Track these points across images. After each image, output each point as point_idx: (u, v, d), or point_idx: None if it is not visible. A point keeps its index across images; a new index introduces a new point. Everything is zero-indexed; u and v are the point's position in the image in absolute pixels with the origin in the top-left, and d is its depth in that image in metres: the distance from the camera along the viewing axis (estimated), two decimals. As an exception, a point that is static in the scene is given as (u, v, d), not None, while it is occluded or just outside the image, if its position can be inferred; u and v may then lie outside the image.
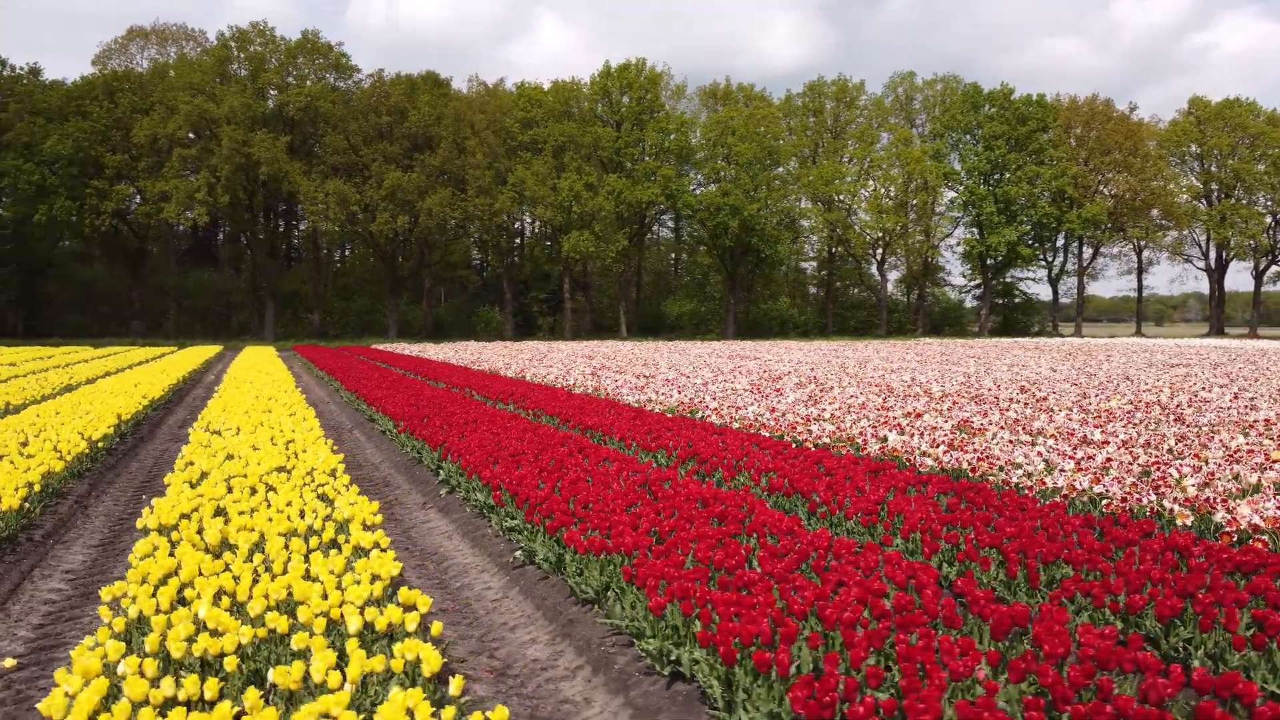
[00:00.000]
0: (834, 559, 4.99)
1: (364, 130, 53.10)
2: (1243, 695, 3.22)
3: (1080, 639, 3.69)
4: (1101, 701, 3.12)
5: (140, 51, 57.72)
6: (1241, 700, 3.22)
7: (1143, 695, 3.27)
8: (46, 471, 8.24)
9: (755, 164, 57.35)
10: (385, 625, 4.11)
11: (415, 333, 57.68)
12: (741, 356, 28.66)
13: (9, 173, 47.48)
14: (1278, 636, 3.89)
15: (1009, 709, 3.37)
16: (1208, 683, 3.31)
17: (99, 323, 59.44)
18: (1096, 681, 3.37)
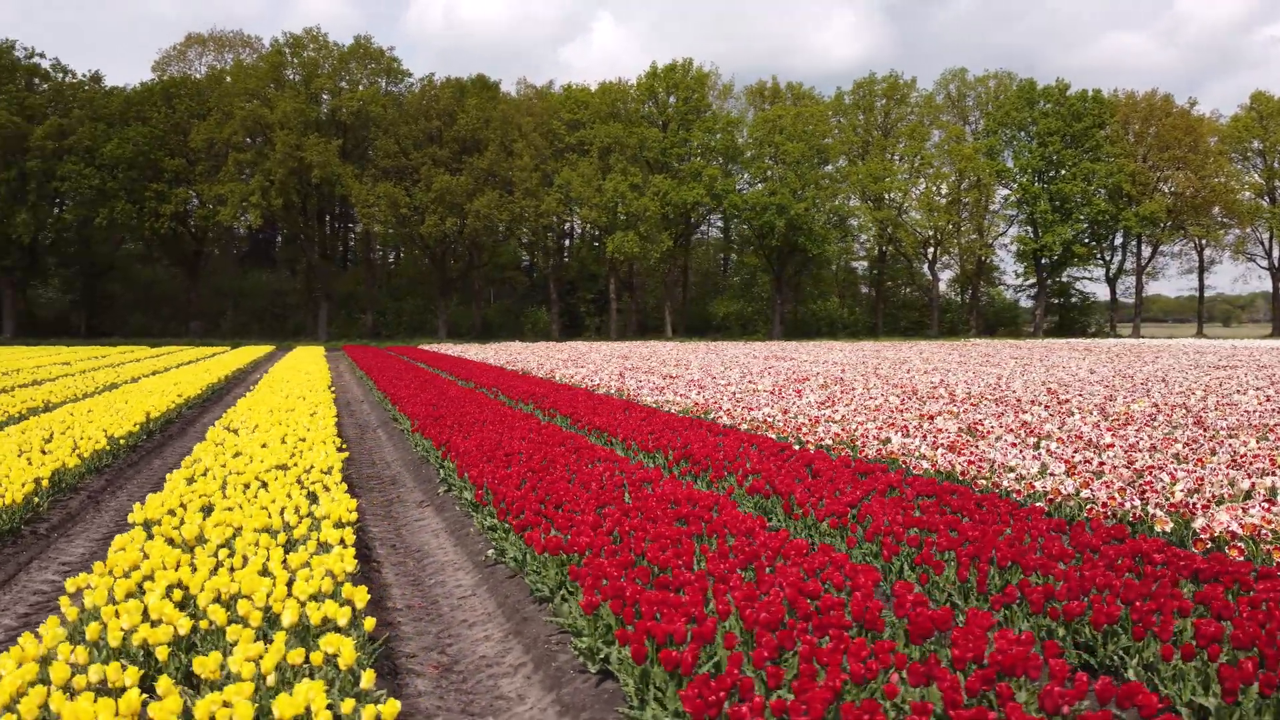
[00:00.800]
0: (782, 560, 4.99)
1: (414, 134, 53.86)
2: (1142, 706, 3.18)
3: (996, 644, 3.66)
4: (987, 708, 3.11)
5: (198, 58, 59.28)
6: (1141, 712, 3.18)
7: (1040, 703, 3.24)
8: (59, 468, 8.54)
9: (802, 163, 56.99)
10: (320, 619, 4.21)
11: (464, 333, 58.34)
12: (777, 357, 28.52)
13: (71, 177, 49.01)
14: (1209, 647, 3.81)
15: (894, 712, 3.37)
16: (1109, 692, 3.27)
17: (160, 323, 61.07)
18: (996, 688, 3.35)
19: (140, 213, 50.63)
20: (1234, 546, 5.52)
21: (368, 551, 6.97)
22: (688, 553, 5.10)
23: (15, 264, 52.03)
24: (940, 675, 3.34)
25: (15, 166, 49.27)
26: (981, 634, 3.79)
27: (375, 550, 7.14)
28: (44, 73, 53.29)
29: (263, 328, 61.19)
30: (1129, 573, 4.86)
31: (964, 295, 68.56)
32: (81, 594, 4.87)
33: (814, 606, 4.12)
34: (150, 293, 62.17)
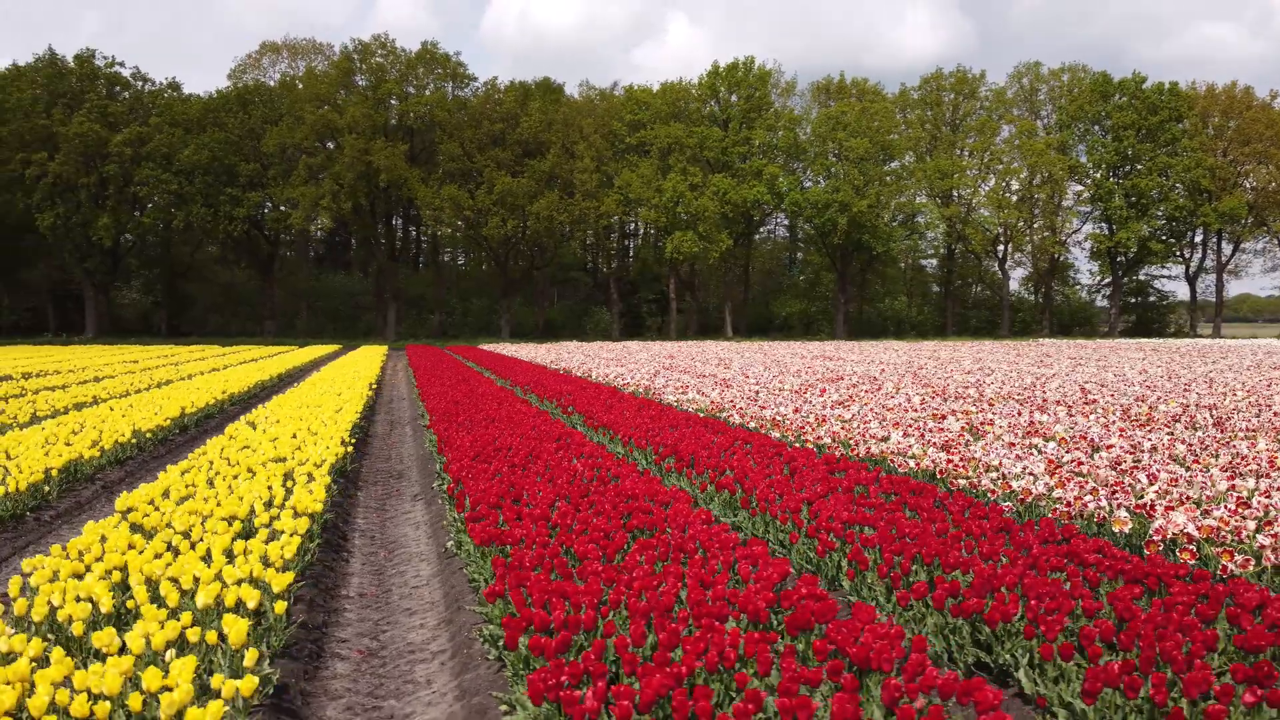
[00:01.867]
0: (702, 553, 5.04)
1: (477, 137, 54.64)
2: (980, 701, 3.17)
3: (863, 639, 3.67)
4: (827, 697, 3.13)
5: (272, 65, 61.00)
6: (977, 707, 3.17)
7: (881, 694, 3.26)
8: (74, 459, 8.97)
9: (866, 159, 56.27)
10: (233, 601, 4.39)
11: (528, 333, 59.00)
12: (828, 357, 28.28)
13: (149, 182, 50.90)
14: (1090, 648, 3.76)
15: (729, 697, 3.42)
16: (951, 687, 3.26)
17: (237, 322, 63.07)
18: (843, 679, 3.37)
19: (216, 216, 52.30)
20: (1186, 549, 5.39)
21: (342, 541, 7.19)
22: (616, 546, 5.18)
23: (98, 266, 54.19)
24: (787, 666, 3.37)
25: (96, 172, 51.35)
26: (858, 628, 3.81)
27: (351, 540, 7.36)
28: (124, 81, 55.47)
29: (336, 328, 62.68)
30: (1055, 571, 4.80)
31: (1037, 294, 66.91)
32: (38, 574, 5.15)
33: (706, 597, 4.18)
34: (228, 294, 64.26)
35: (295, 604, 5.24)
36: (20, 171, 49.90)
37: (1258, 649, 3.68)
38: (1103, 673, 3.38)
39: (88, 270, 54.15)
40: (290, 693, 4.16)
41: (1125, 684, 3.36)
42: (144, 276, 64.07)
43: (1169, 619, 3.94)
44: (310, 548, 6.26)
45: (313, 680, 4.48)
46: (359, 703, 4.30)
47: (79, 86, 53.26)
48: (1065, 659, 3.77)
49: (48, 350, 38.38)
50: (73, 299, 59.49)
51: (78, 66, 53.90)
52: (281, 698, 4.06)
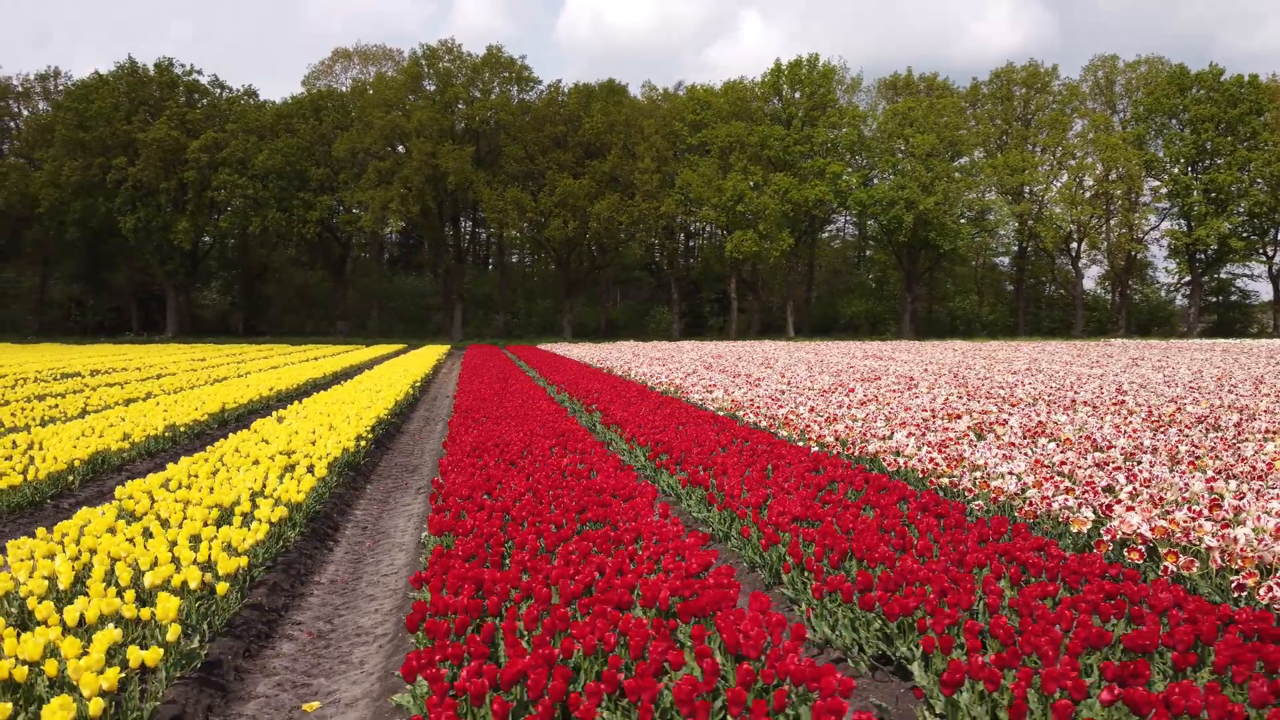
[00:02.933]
0: (639, 545, 5.17)
1: (540, 140, 55.28)
2: (824, 688, 3.24)
3: (741, 626, 3.77)
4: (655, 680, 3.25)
5: (344, 71, 62.60)
6: (821, 693, 3.25)
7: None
8: (102, 450, 9.46)
9: (933, 156, 55.42)
10: (179, 582, 4.67)
11: (590, 333, 59.48)
12: (876, 357, 27.99)
13: (225, 186, 52.70)
14: (970, 641, 3.80)
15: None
16: (802, 673, 3.35)
17: (311, 323, 64.93)
18: (705, 664, 3.48)
19: (289, 220, 53.88)
20: (1134, 549, 5.33)
21: (332, 530, 7.48)
22: (561, 537, 5.34)
23: (178, 268, 56.23)
24: (655, 650, 3.49)
25: (175, 177, 53.32)
26: (741, 616, 3.91)
27: (343, 529, 7.65)
28: (202, 88, 57.49)
29: (406, 328, 64.04)
30: (981, 568, 4.81)
31: (1114, 293, 65.07)
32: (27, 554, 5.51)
33: (605, 582, 4.32)
34: (303, 295, 66.18)
35: (256, 587, 5.52)
36: (103, 176, 52.10)
37: (1144, 649, 3.68)
38: (962, 666, 3.43)
39: (168, 272, 56.25)
40: (223, 668, 4.42)
41: (985, 677, 3.40)
42: (222, 278, 66.35)
43: (1061, 616, 3.95)
44: (290, 535, 6.56)
45: (254, 658, 4.73)
46: (290, 680, 4.53)
47: (159, 94, 55.39)
48: (945, 652, 3.81)
49: (124, 349, 40.05)
50: (155, 300, 61.93)
51: (157, 74, 56.09)
52: (212, 672, 4.31)
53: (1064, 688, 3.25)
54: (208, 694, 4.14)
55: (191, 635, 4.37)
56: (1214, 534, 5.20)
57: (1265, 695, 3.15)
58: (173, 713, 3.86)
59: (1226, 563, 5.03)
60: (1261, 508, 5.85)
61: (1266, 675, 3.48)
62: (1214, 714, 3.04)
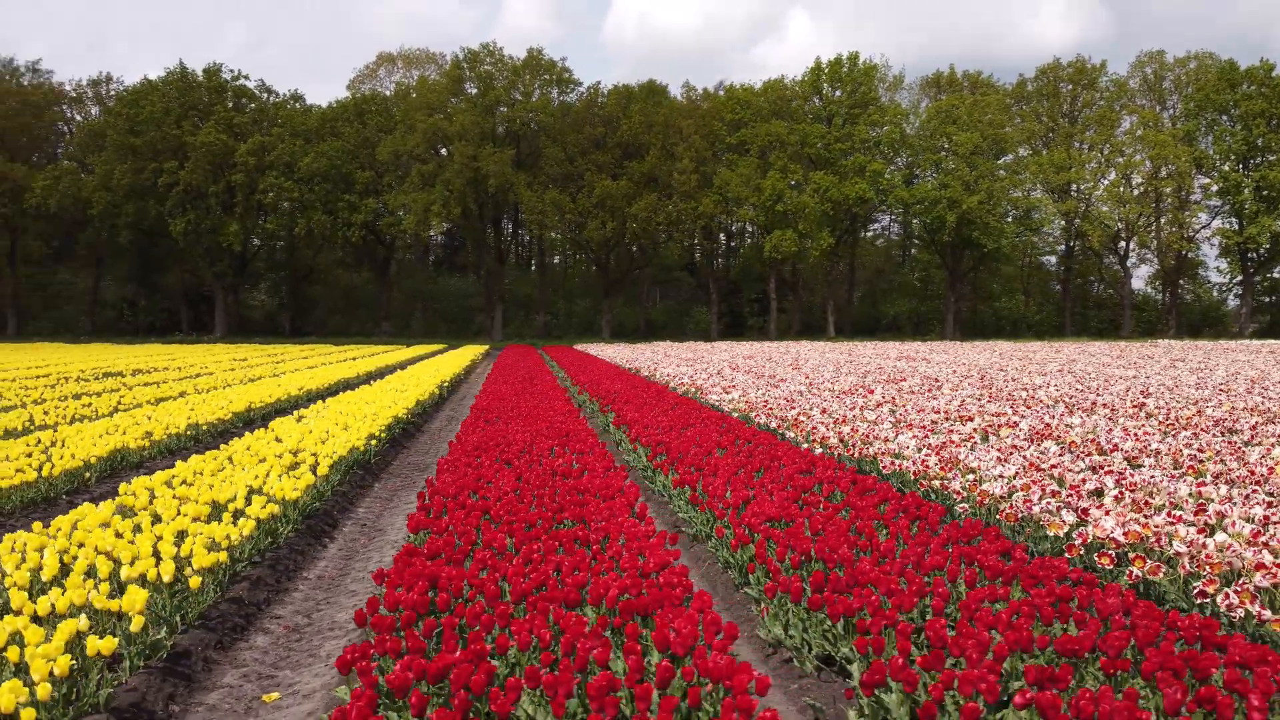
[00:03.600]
0: (603, 544, 5.26)
1: (579, 141, 55.55)
2: (735, 686, 3.30)
3: (675, 624, 3.84)
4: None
5: (388, 75, 63.44)
6: (734, 690, 3.31)
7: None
8: (120, 448, 9.76)
9: (976, 154, 54.75)
10: (154, 575, 4.84)
11: (629, 333, 59.62)
12: (908, 358, 27.76)
13: (272, 189, 53.67)
14: (901, 643, 3.83)
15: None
16: (721, 671, 3.41)
17: (356, 323, 65.86)
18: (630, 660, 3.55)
19: (334, 222, 54.72)
20: (1105, 554, 5.30)
21: (329, 527, 7.66)
22: (530, 536, 5.45)
23: (226, 270, 57.40)
24: (583, 648, 3.57)
25: (224, 180, 54.45)
26: (680, 614, 3.97)
27: (342, 527, 7.83)
28: (250, 93, 58.62)
29: (450, 328, 64.74)
30: (938, 570, 4.82)
31: (1164, 293, 63.73)
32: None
33: (556, 579, 4.42)
34: (349, 296, 67.17)
35: (238, 582, 5.70)
36: (153, 180, 53.37)
37: (1074, 653, 3.68)
38: (883, 667, 3.47)
39: (217, 274, 57.46)
40: (192, 659, 4.58)
41: (904, 678, 3.43)
42: (270, 280, 67.58)
43: (1000, 619, 3.96)
44: (282, 531, 6.74)
45: (226, 650, 4.89)
46: (257, 671, 4.68)
47: (208, 99, 56.58)
48: (878, 653, 3.84)
49: (169, 349, 41.00)
50: (204, 301, 63.27)
51: (206, 80, 57.30)
52: (178, 663, 4.48)
53: (978, 690, 3.28)
54: (171, 683, 4.30)
55: (159, 627, 4.53)
56: (1185, 539, 5.15)
57: (1178, 703, 3.14)
58: (132, 700, 4.02)
59: (1195, 569, 4.98)
60: (1243, 513, 5.79)
61: (1199, 682, 3.46)
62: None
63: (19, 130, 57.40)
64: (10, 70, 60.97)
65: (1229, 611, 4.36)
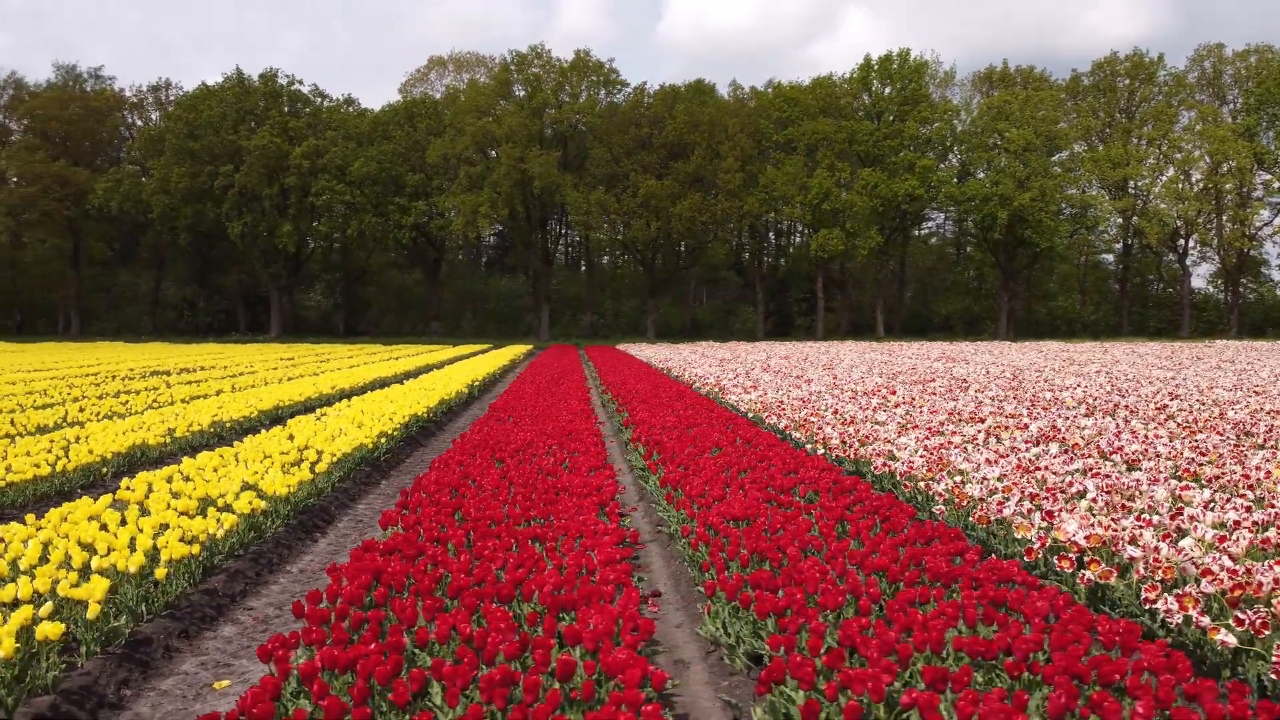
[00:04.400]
0: (559, 542, 5.36)
1: (625, 142, 55.74)
2: (626, 681, 3.37)
3: (592, 620, 3.92)
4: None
5: (439, 78, 64.29)
6: (625, 685, 3.38)
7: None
8: (139, 444, 10.11)
9: (1029, 150, 53.82)
10: (123, 566, 5.05)
11: (674, 333, 59.67)
12: (950, 358, 27.42)
13: (324, 192, 54.72)
14: (811, 641, 3.87)
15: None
16: (616, 665, 3.48)
17: (408, 323, 66.90)
18: (534, 655, 3.64)
19: (385, 224, 55.64)
20: (1065, 558, 5.26)
21: (324, 523, 7.86)
22: (492, 533, 5.57)
23: (281, 271, 58.67)
24: (493, 641, 3.68)
25: (278, 183, 55.66)
26: (597, 610, 4.06)
27: (338, 522, 8.01)
28: (304, 97, 59.85)
29: (500, 328, 65.44)
30: (879, 571, 4.83)
31: (1226, 292, 62.00)
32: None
33: (497, 576, 4.52)
34: (401, 296, 68.29)
35: (215, 574, 5.90)
36: (210, 183, 54.76)
37: (981, 655, 3.68)
38: (783, 664, 3.51)
39: (272, 275, 58.77)
40: (152, 646, 4.77)
41: (802, 676, 3.47)
42: (325, 280, 68.94)
43: (912, 620, 3.98)
44: (270, 526, 6.94)
45: (191, 640, 5.07)
46: (216, 660, 4.85)
47: (264, 104, 57.89)
48: (790, 650, 3.88)
49: (222, 348, 42.07)
50: (261, 302, 64.74)
51: (262, 85, 58.59)
52: (137, 650, 4.67)
53: (867, 689, 3.31)
54: (126, 669, 4.48)
55: (121, 615, 4.73)
56: (1141, 544, 5.09)
57: (1061, 707, 3.14)
58: (84, 683, 4.21)
59: (1149, 574, 4.92)
60: (1216, 519, 5.70)
61: (1104, 687, 3.45)
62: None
63: (82, 135, 59.33)
64: (73, 77, 63.09)
65: (1167, 617, 4.31)
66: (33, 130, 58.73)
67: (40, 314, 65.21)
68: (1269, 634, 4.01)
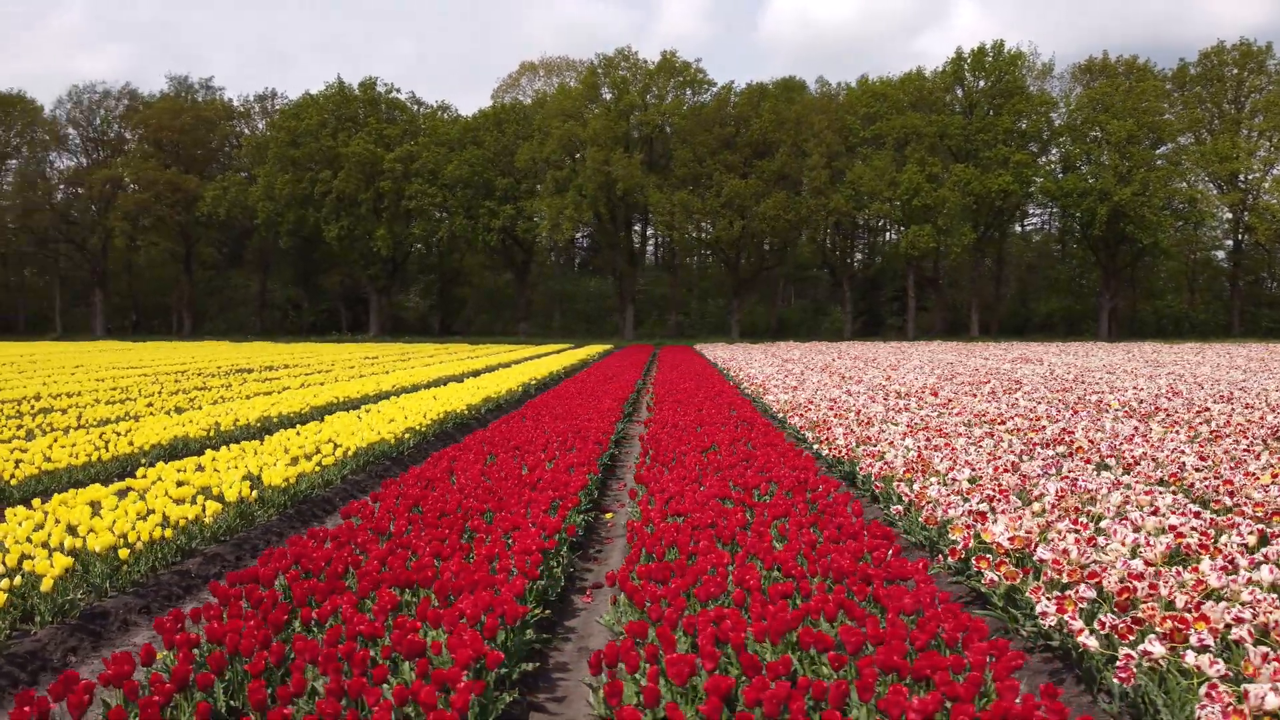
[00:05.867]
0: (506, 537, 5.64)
1: (709, 142, 55.78)
2: (450, 680, 3.62)
3: (465, 609, 4.18)
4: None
5: (529, 83, 65.49)
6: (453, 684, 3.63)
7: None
8: (182, 436, 10.80)
9: (1131, 143, 51.79)
10: (92, 546, 5.54)
11: (759, 332, 59.43)
12: (1025, 360, 26.72)
13: (417, 196, 56.36)
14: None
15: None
16: (462, 654, 3.73)
17: (500, 323, 68.35)
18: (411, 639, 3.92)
19: (474, 227, 57.02)
20: (981, 558, 5.28)
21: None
22: (436, 529, 5.89)
23: (378, 273, 60.66)
24: (372, 627, 3.98)
25: (373, 188, 57.56)
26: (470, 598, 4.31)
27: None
28: (401, 104, 61.73)
29: (588, 328, 66.29)
30: (777, 566, 4.96)
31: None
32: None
33: (408, 569, 4.83)
34: (493, 297, 69.85)
35: (191, 557, 6.37)
36: (310, 189, 57.02)
37: (814, 645, 3.80)
38: (616, 649, 3.71)
39: (370, 276, 60.85)
40: (109, 619, 5.23)
41: (626, 660, 3.66)
42: (422, 282, 71.03)
43: (772, 611, 4.11)
44: (262, 514, 7.42)
45: (154, 615, 5.52)
46: (167, 634, 5.29)
47: (362, 112, 59.98)
48: (642, 638, 4.06)
49: (316, 347, 43.81)
50: (361, 302, 67.03)
51: (362, 93, 60.68)
52: (92, 621, 5.13)
53: (681, 672, 3.48)
54: (77, 638, 4.95)
55: (78, 590, 5.20)
56: (1050, 546, 5.08)
57: (844, 693, 3.26)
58: (33, 649, 4.69)
59: (1055, 576, 4.92)
60: (1158, 523, 5.62)
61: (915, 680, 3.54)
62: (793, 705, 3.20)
63: (192, 144, 62.50)
64: (185, 88, 66.51)
65: (1042, 619, 4.33)
66: (147, 139, 62.18)
67: (155, 315, 68.91)
68: (1133, 639, 4.00)
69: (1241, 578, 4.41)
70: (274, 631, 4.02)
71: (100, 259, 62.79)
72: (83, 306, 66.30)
